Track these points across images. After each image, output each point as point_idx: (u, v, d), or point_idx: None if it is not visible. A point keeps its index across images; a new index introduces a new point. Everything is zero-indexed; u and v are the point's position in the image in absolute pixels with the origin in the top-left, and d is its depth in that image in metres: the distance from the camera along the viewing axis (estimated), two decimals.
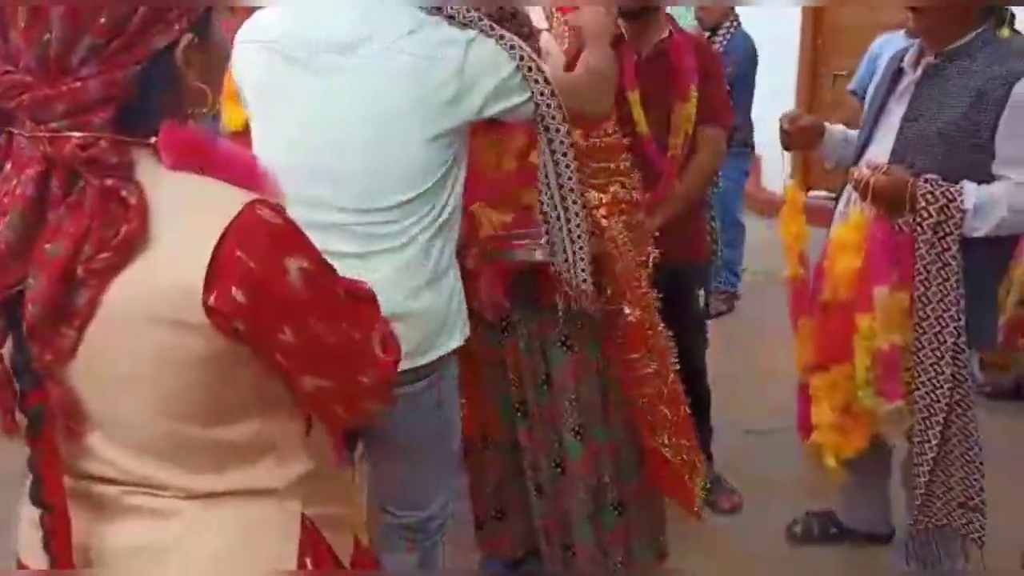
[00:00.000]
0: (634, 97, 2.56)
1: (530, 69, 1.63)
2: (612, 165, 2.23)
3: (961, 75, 1.96)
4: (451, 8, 1.59)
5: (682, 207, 2.62)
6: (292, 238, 0.98)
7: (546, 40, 2.83)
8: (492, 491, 2.44)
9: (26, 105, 0.90)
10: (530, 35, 2.11)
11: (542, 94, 1.66)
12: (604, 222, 2.14)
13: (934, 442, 2.03)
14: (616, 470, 2.31)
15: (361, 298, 1.13)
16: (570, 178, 1.80)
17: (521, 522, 2.45)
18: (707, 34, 4.28)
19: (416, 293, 1.63)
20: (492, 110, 1.62)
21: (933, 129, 1.98)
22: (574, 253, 1.90)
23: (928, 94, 2.02)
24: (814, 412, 2.20)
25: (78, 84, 0.90)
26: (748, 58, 4.28)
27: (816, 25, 6.44)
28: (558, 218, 1.86)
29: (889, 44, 4.32)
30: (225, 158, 0.98)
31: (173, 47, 0.96)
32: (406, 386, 1.60)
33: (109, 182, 0.91)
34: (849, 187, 2.10)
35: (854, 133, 2.32)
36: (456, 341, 1.72)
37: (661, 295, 2.31)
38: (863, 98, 4.25)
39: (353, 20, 1.53)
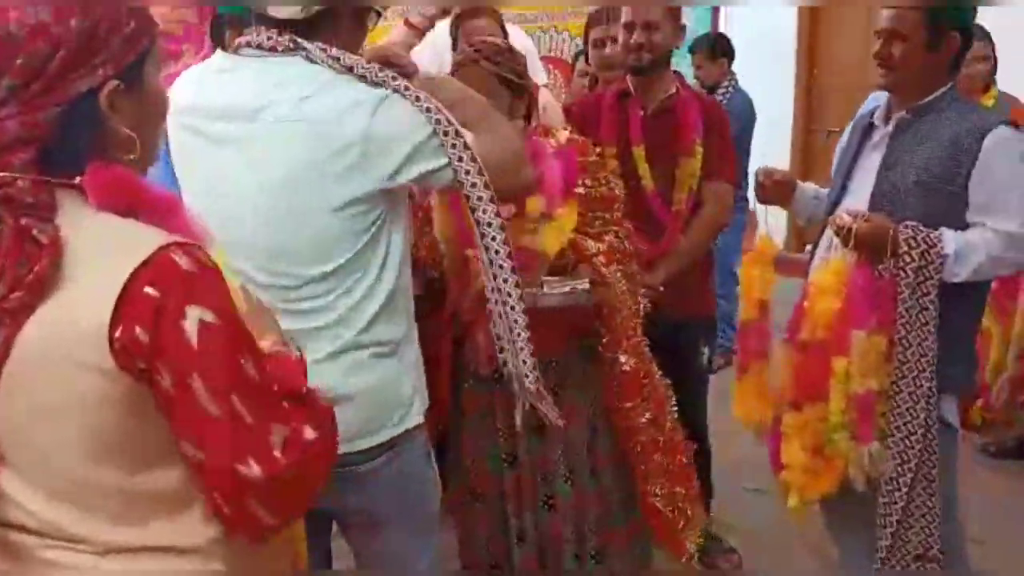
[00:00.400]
0: (639, 152, 2.60)
1: (446, 134, 1.50)
2: (607, 215, 2.25)
3: (933, 127, 2.05)
4: (361, 68, 1.49)
5: (686, 262, 2.63)
6: (203, 286, 0.94)
7: (545, 96, 2.87)
8: (484, 544, 2.39)
9: None
10: (523, 75, 2.13)
11: (460, 159, 1.51)
12: (604, 270, 2.14)
13: (904, 490, 2.03)
14: (601, 518, 2.28)
15: (286, 393, 1.03)
16: (498, 252, 1.60)
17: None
18: (705, 93, 4.36)
19: (355, 371, 1.53)
20: (407, 176, 1.50)
21: (910, 178, 2.05)
22: (513, 341, 1.69)
23: (903, 146, 2.10)
24: (784, 451, 2.19)
25: None
26: (746, 116, 4.40)
27: (809, 85, 6.57)
28: (494, 299, 1.68)
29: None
30: (152, 199, 0.98)
31: (97, 91, 0.96)
32: (359, 465, 1.55)
33: (24, 221, 0.91)
34: (829, 234, 2.15)
35: (824, 191, 2.39)
36: (412, 421, 1.62)
37: (664, 350, 2.30)
38: None
39: (254, 88, 1.47)
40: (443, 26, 2.87)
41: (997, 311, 3.19)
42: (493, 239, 1.59)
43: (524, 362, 1.69)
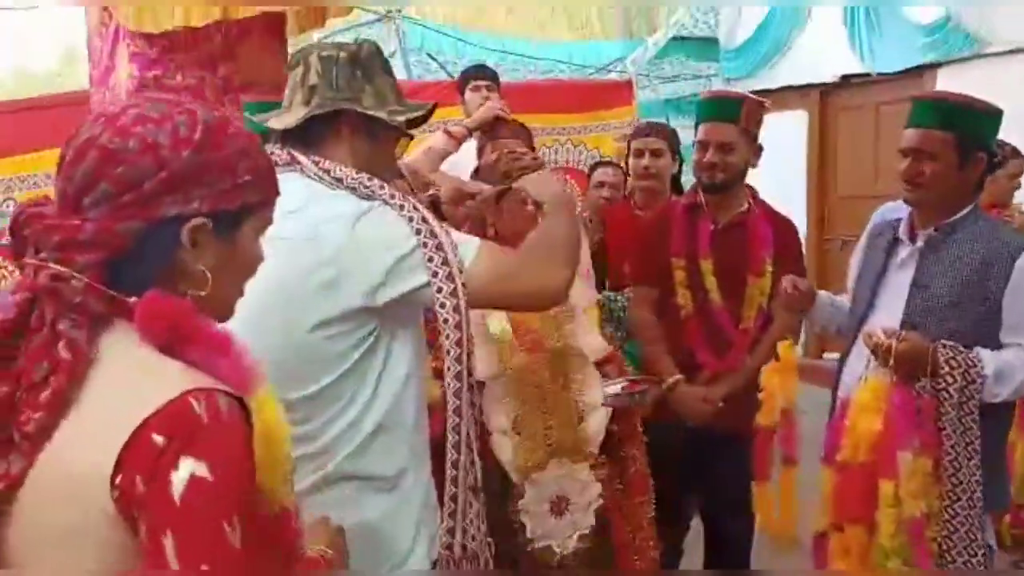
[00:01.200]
0: (707, 266, 2.58)
1: (426, 245, 1.41)
2: None
3: (964, 245, 2.08)
4: (351, 179, 1.45)
5: (750, 380, 2.51)
6: (210, 436, 0.88)
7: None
8: None
9: (33, 234, 0.93)
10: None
11: (435, 275, 1.41)
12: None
13: None
14: None
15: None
16: (452, 382, 1.47)
17: None
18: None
19: (341, 506, 1.38)
20: (387, 295, 1.41)
21: (944, 296, 2.06)
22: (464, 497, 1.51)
23: (934, 265, 2.11)
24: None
25: (77, 222, 0.92)
26: None
27: (821, 195, 6.66)
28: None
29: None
30: (201, 336, 0.94)
31: (183, 220, 0.96)
32: None
33: (60, 326, 0.90)
34: (865, 352, 2.14)
35: (840, 299, 2.41)
36: (418, 562, 1.48)
37: (711, 463, 2.31)
38: None
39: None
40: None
41: (1020, 425, 3.15)
42: (449, 368, 1.47)
43: (470, 522, 1.51)
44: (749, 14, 7.01)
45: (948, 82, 5.50)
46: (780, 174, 5.89)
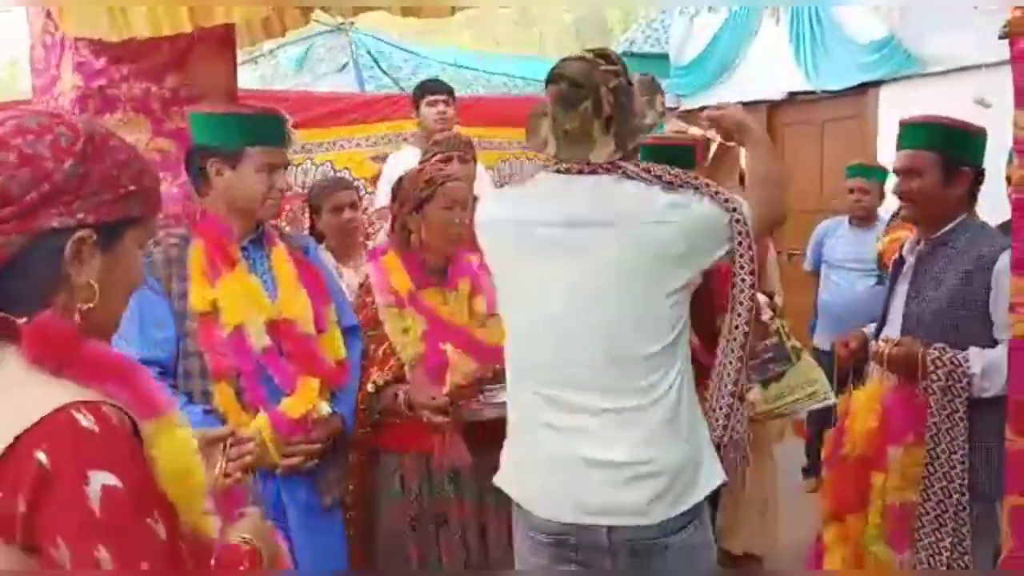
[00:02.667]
0: None
1: (738, 221, 1.74)
2: None
3: (949, 257, 2.26)
4: (668, 175, 1.73)
5: None
6: (107, 447, 0.88)
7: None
8: None
9: None
10: None
11: (740, 244, 1.75)
12: None
13: None
14: None
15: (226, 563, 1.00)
16: (740, 326, 1.82)
17: None
18: None
19: (680, 439, 1.74)
20: (710, 264, 1.76)
21: (933, 305, 2.24)
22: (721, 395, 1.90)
23: (924, 275, 2.29)
24: (827, 561, 2.33)
25: None
26: None
27: None
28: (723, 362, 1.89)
29: (832, 229, 4.61)
30: (91, 360, 0.93)
31: (66, 233, 0.95)
32: (675, 535, 1.71)
33: None
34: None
35: None
36: (714, 480, 1.79)
37: None
38: (816, 274, 4.51)
39: (592, 201, 1.74)
40: None
41: None
42: (740, 315, 1.81)
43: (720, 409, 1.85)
44: (699, 31, 7.13)
45: (890, 100, 5.64)
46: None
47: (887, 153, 5.89)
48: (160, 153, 2.42)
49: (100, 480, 0.86)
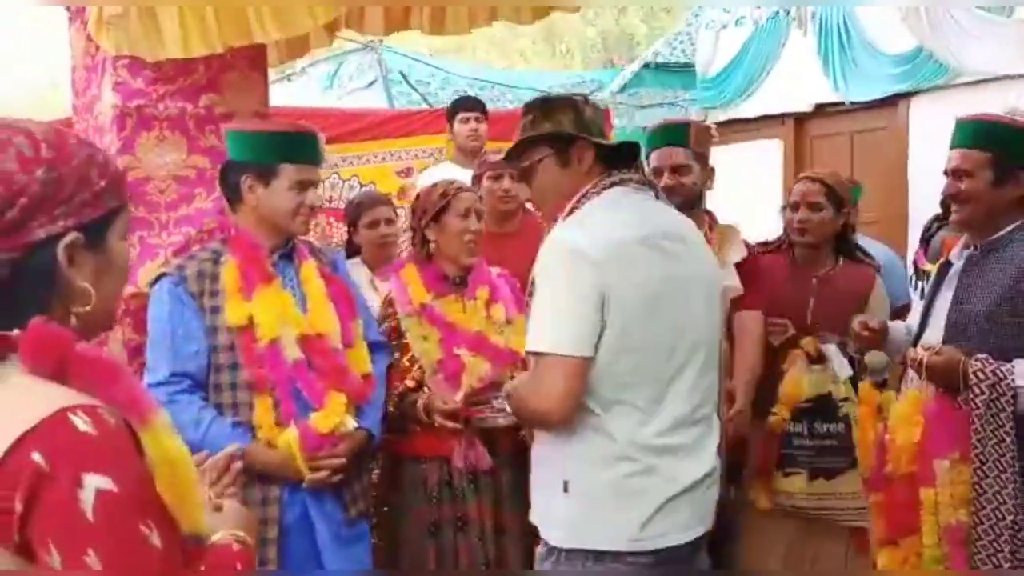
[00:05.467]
0: None
1: None
2: None
3: (998, 263, 2.14)
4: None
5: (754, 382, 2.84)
6: (102, 450, 0.88)
7: None
8: None
9: None
10: None
11: None
12: None
13: None
14: None
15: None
16: None
17: None
18: None
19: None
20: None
21: (979, 312, 2.12)
22: None
23: (972, 280, 2.18)
24: None
25: None
26: None
27: None
28: None
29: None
30: (86, 364, 0.93)
31: (55, 241, 0.95)
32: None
33: None
34: (912, 370, 2.21)
35: (915, 326, 2.47)
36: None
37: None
38: None
39: (669, 216, 1.98)
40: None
41: None
42: None
43: None
44: (726, 43, 7.12)
45: (921, 111, 5.60)
46: (756, 201, 5.98)
47: (919, 164, 5.86)
48: (195, 170, 2.47)
49: (94, 483, 0.86)
